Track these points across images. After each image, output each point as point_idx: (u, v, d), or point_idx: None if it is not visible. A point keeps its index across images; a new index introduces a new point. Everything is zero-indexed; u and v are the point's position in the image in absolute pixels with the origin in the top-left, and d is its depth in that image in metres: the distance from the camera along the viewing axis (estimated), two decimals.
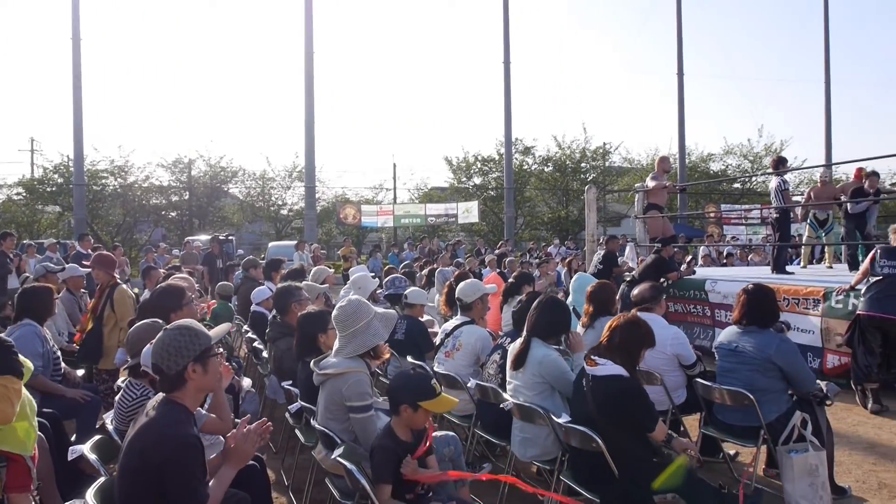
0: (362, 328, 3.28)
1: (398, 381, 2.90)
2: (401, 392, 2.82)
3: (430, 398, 2.77)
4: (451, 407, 2.94)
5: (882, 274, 5.60)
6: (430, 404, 2.77)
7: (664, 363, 4.18)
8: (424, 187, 35.21)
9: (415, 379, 2.88)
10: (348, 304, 3.35)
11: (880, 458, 4.54)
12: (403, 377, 2.93)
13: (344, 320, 3.29)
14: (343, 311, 3.32)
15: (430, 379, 2.86)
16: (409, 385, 2.83)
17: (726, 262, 15.43)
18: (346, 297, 3.61)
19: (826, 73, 29.91)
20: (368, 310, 3.38)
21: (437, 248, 17.58)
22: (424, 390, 2.78)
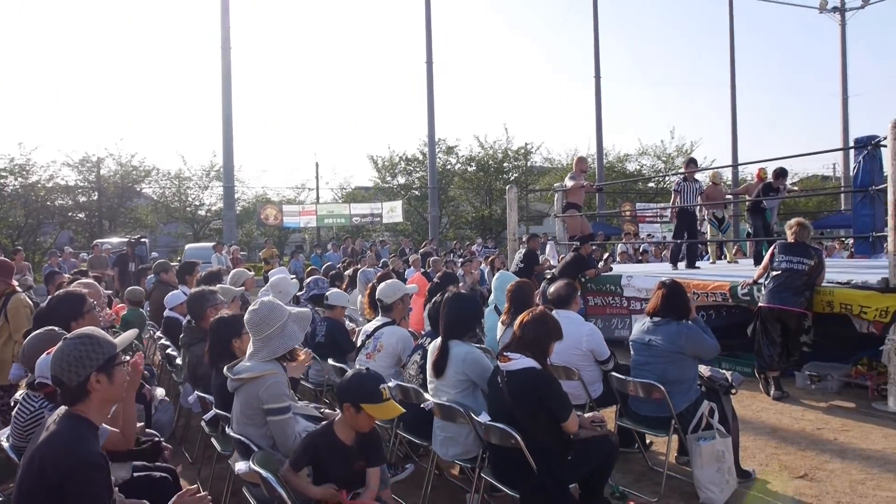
0: (277, 331, 3.19)
1: (347, 380, 2.84)
2: (346, 390, 2.77)
3: (374, 402, 2.71)
4: (393, 415, 2.86)
5: (780, 268, 5.95)
6: (373, 409, 2.72)
7: (580, 359, 4.30)
8: (348, 187, 34.89)
9: (363, 380, 2.80)
10: (261, 306, 3.25)
11: (781, 442, 4.82)
12: (353, 376, 2.85)
13: (258, 324, 3.19)
14: (256, 314, 3.22)
15: (380, 383, 2.78)
16: (356, 385, 2.77)
17: (641, 259, 16.04)
18: (257, 301, 3.50)
19: (732, 78, 31.52)
20: (282, 312, 3.29)
21: (361, 248, 17.41)
22: (370, 393, 2.73)
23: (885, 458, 4.41)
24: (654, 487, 3.98)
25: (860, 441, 4.77)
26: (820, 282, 5.96)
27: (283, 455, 2.98)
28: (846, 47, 33.19)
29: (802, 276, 5.84)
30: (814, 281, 5.90)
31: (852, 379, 6.10)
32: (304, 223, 28.20)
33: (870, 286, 5.61)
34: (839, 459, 4.42)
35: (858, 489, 3.91)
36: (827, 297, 5.87)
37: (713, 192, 10.00)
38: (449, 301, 3.71)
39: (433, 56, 24.15)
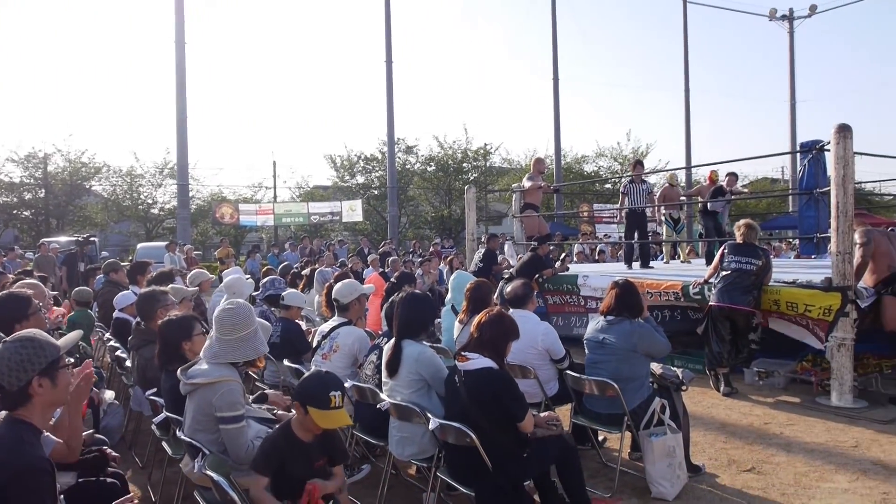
0: (250, 335, 3.13)
1: (303, 379, 2.81)
2: (298, 389, 2.76)
3: (319, 408, 2.67)
4: (338, 425, 2.81)
5: (730, 268, 6.12)
6: (317, 414, 2.68)
7: (536, 357, 4.34)
8: (306, 186, 34.52)
9: (313, 382, 2.76)
10: (239, 307, 3.16)
11: (730, 437, 4.95)
12: (308, 376, 2.81)
13: (234, 324, 3.09)
14: (235, 314, 3.11)
15: (330, 390, 2.70)
16: (307, 386, 2.74)
17: (598, 259, 16.30)
18: (220, 301, 3.43)
19: (686, 82, 32.31)
20: (254, 317, 3.25)
21: (319, 248, 17.24)
22: (317, 398, 2.68)
23: (828, 450, 4.58)
24: (607, 483, 4.05)
25: (804, 435, 4.93)
26: (767, 281, 6.15)
27: (233, 463, 2.93)
28: (794, 54, 34.34)
29: (751, 276, 6.01)
30: (762, 280, 6.08)
31: (798, 375, 6.31)
32: (261, 222, 27.81)
33: (814, 285, 5.80)
34: (785, 453, 4.56)
35: (802, 481, 4.05)
36: (774, 296, 6.05)
37: (669, 194, 10.22)
38: (402, 301, 3.71)
39: (392, 55, 24.09)
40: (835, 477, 4.10)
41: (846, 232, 5.51)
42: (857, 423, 5.17)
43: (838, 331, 5.51)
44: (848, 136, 5.53)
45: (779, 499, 3.82)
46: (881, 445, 4.63)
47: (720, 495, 3.89)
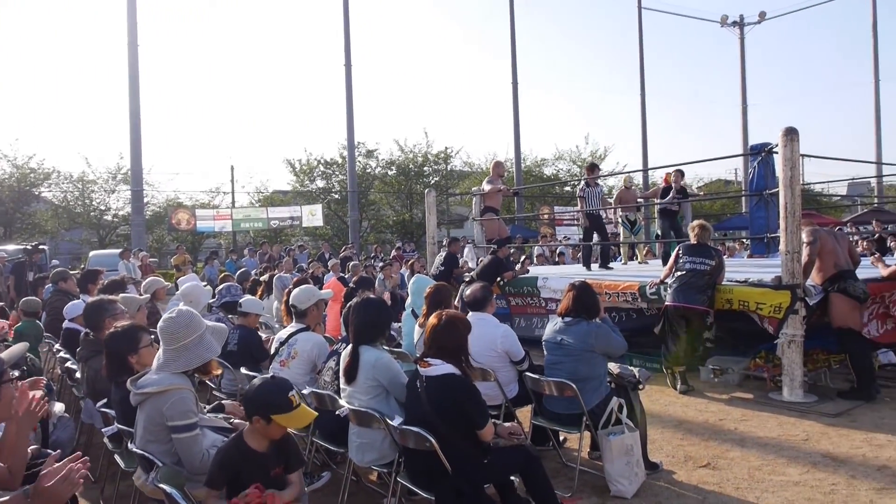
0: (194, 341, 3.07)
1: (252, 392, 2.74)
2: (254, 402, 2.69)
3: (284, 412, 2.65)
4: (307, 422, 2.80)
5: (684, 269, 6.24)
6: (284, 419, 2.65)
7: (496, 360, 4.36)
8: (265, 190, 34.06)
9: (270, 390, 2.71)
10: (179, 315, 3.12)
11: (687, 434, 5.05)
12: (260, 387, 2.75)
13: (174, 332, 3.05)
14: (174, 322, 3.08)
15: (288, 391, 2.71)
16: (264, 396, 2.69)
17: (558, 261, 16.46)
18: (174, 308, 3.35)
19: (641, 86, 32.93)
20: (200, 322, 3.18)
21: (279, 253, 17.02)
22: (279, 403, 2.66)
23: (780, 444, 4.70)
24: (567, 483, 4.08)
25: (758, 430, 5.06)
26: (721, 281, 6.29)
27: (188, 473, 2.87)
28: (745, 60, 35.32)
29: (705, 276, 6.14)
30: (715, 280, 6.22)
31: (751, 371, 6.46)
32: (218, 228, 27.34)
33: (764, 284, 5.96)
34: (739, 448, 4.67)
35: (756, 475, 4.15)
36: (727, 295, 6.20)
37: (625, 196, 10.37)
38: (357, 306, 3.68)
39: (352, 58, 23.98)
40: (786, 470, 4.21)
41: (794, 232, 5.68)
42: (807, 416, 5.32)
43: (788, 328, 5.67)
44: (795, 139, 5.70)
45: (733, 493, 3.90)
46: (830, 438, 4.77)
47: (677, 491, 3.96)
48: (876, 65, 32.13)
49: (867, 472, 4.12)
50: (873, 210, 25.13)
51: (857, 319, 5.79)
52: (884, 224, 18.48)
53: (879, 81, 32.16)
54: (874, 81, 32.20)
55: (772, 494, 3.85)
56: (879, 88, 32.24)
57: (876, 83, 32.20)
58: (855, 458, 4.35)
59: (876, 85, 32.20)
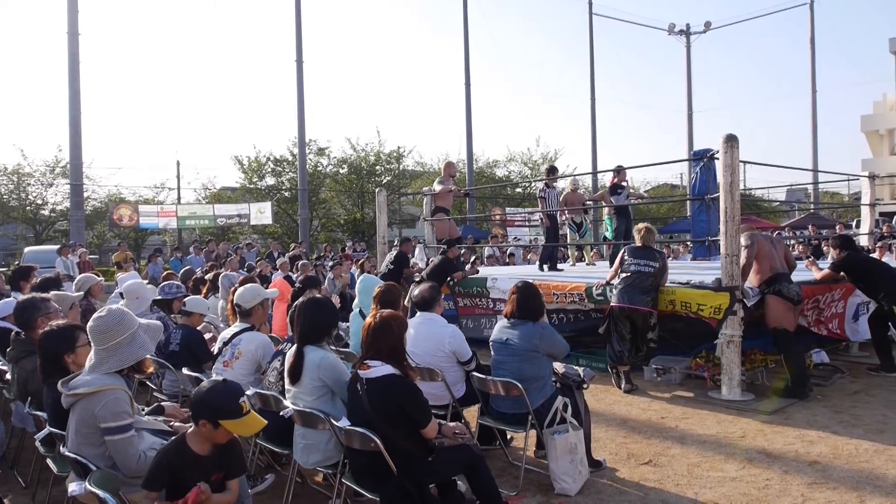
0: (126, 340, 2.98)
1: (202, 394, 2.66)
2: (203, 405, 2.61)
3: (233, 418, 2.58)
4: (256, 429, 2.74)
5: (629, 270, 6.38)
6: (233, 425, 2.58)
7: (443, 360, 4.36)
8: (213, 187, 33.32)
9: (221, 394, 2.64)
10: (109, 314, 3.03)
11: (630, 432, 5.15)
12: (210, 390, 2.67)
13: (104, 332, 2.96)
14: (103, 321, 2.99)
15: (239, 397, 2.64)
16: (214, 400, 2.61)
17: (509, 262, 16.61)
18: (104, 307, 3.24)
19: (591, 90, 33.53)
20: (132, 320, 3.08)
21: (226, 251, 16.66)
22: (229, 409, 2.59)
23: (718, 441, 4.84)
24: (513, 482, 4.12)
25: (697, 427, 5.20)
26: (664, 282, 6.45)
27: (124, 476, 2.77)
28: (691, 67, 36.34)
29: (649, 278, 6.29)
30: (659, 282, 6.37)
31: (692, 371, 6.65)
32: (163, 224, 26.60)
33: (705, 286, 6.13)
34: (679, 445, 4.79)
35: (694, 471, 4.26)
36: (670, 297, 6.36)
37: (572, 198, 10.52)
38: (303, 306, 3.64)
39: (303, 55, 23.66)
40: (724, 466, 4.34)
41: (734, 235, 5.86)
42: (744, 414, 5.50)
43: (727, 328, 5.85)
44: (735, 146, 5.88)
45: (673, 489, 4.00)
46: (765, 435, 4.94)
47: (619, 488, 4.04)
48: (813, 75, 33.55)
49: (799, 467, 4.28)
50: (810, 215, 26.22)
51: (791, 320, 6.02)
52: (819, 229, 19.29)
53: (816, 92, 33.55)
54: (811, 91, 33.59)
55: (709, 490, 3.96)
56: (816, 98, 33.63)
57: (813, 93, 33.61)
58: (788, 454, 4.52)
59: (813, 95, 33.60)
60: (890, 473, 4.12)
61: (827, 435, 4.89)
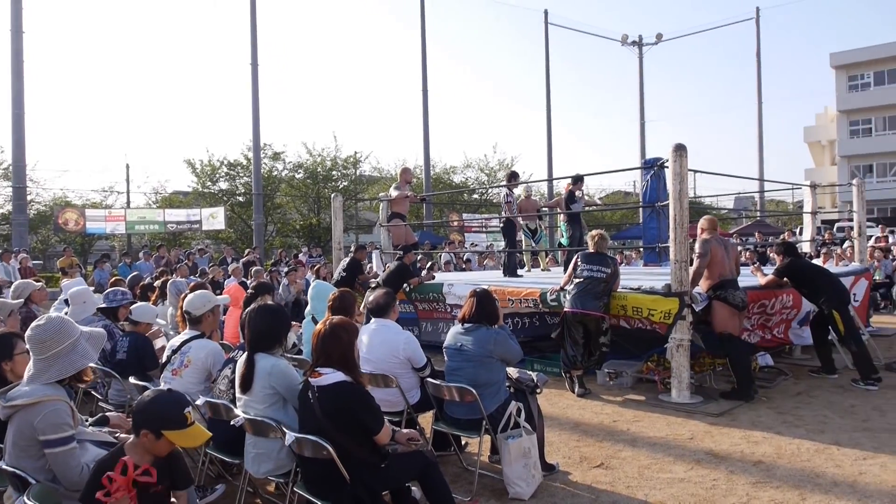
0: (66, 349, 2.88)
1: (144, 403, 2.58)
2: (145, 415, 2.52)
3: (177, 428, 2.50)
4: (200, 442, 2.67)
5: (582, 276, 6.48)
6: (176, 436, 2.50)
7: (398, 366, 4.35)
8: (163, 191, 32.54)
9: (165, 403, 2.56)
10: (48, 322, 2.92)
11: (583, 435, 5.22)
12: (154, 399, 2.59)
13: (43, 341, 2.85)
14: (42, 330, 2.88)
15: (184, 407, 2.56)
16: (157, 409, 2.53)
17: (465, 268, 16.65)
18: (43, 315, 3.13)
19: (547, 98, 33.95)
20: (73, 328, 2.98)
21: (177, 257, 16.28)
22: (172, 418, 2.51)
23: (668, 443, 4.95)
24: (467, 487, 4.12)
25: (648, 430, 5.31)
26: (616, 288, 6.57)
27: (66, 490, 2.68)
28: (643, 77, 37.17)
29: (601, 283, 6.39)
30: (611, 287, 6.49)
31: (643, 375, 6.78)
32: (110, 229, 25.81)
33: (656, 291, 6.27)
34: (630, 448, 4.88)
35: (645, 473, 4.35)
36: (621, 302, 6.48)
37: (526, 205, 10.62)
38: (254, 313, 3.58)
39: (258, 58, 23.34)
40: (673, 467, 4.44)
41: (683, 242, 6.01)
42: (693, 416, 5.63)
43: (676, 332, 5.99)
44: (683, 155, 6.04)
45: (624, 491, 4.07)
46: (713, 437, 5.07)
47: (572, 491, 4.09)
48: (759, 88, 34.66)
49: (745, 467, 4.41)
50: (757, 223, 27.07)
51: (735, 325, 6.20)
52: (765, 236, 19.93)
53: (762, 103, 34.69)
54: (757, 103, 34.72)
55: (659, 491, 4.04)
56: (762, 110, 34.78)
57: (759, 105, 34.73)
58: (734, 455, 4.65)
59: (759, 106, 34.71)
60: (829, 472, 4.28)
61: (771, 435, 5.05)
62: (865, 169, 38.90)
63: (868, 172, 38.56)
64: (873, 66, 38.36)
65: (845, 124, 39.66)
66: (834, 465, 4.40)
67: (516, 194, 10.37)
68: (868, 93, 38.67)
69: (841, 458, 4.52)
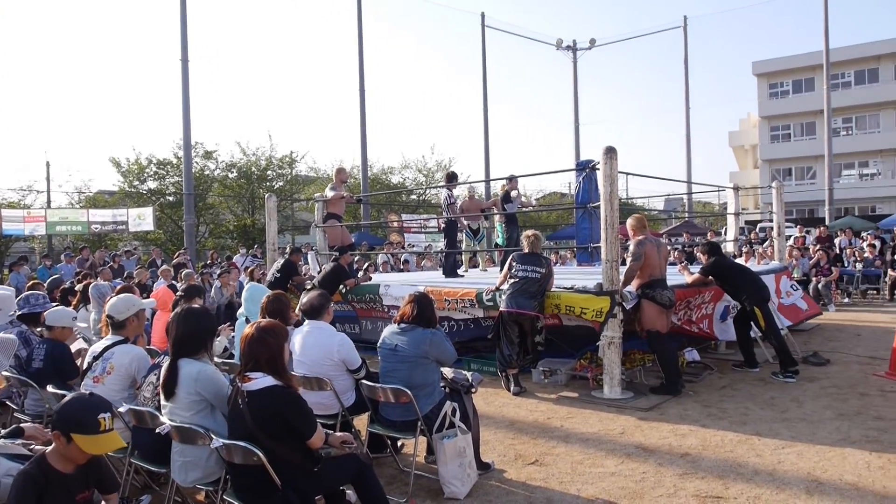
0: None
1: (63, 403, 2.49)
2: (59, 416, 2.43)
3: (86, 433, 2.40)
4: (110, 449, 2.57)
5: (517, 276, 6.56)
6: (84, 441, 2.40)
7: (333, 369, 4.29)
8: (87, 191, 31.12)
9: (78, 406, 2.46)
10: None
11: (518, 433, 5.29)
12: (70, 401, 2.49)
13: None
14: None
15: (99, 412, 2.46)
16: (69, 411, 2.44)
17: (403, 269, 16.63)
18: None
19: (484, 100, 34.21)
20: None
21: (102, 259, 15.61)
22: (83, 422, 2.41)
23: (600, 439, 5.07)
24: (404, 488, 4.11)
25: (581, 426, 5.42)
26: (550, 287, 6.68)
27: None
28: (577, 82, 37.96)
29: (536, 283, 6.49)
30: (545, 287, 6.59)
31: (577, 372, 6.92)
32: (29, 231, 24.49)
33: (588, 290, 6.41)
34: (564, 444, 4.97)
35: (578, 468, 4.43)
36: (555, 301, 6.59)
37: (469, 205, 10.68)
38: (178, 317, 3.47)
39: (189, 53, 22.60)
40: (604, 462, 4.55)
41: (613, 242, 6.17)
42: (624, 412, 5.78)
43: (608, 330, 6.14)
44: (614, 157, 6.20)
45: (557, 487, 4.14)
46: (643, 431, 5.22)
47: (507, 489, 4.13)
48: (687, 93, 35.95)
49: (672, 459, 4.56)
50: (685, 223, 28.08)
51: (663, 323, 6.40)
52: (692, 236, 20.70)
53: (689, 108, 36.01)
54: (685, 108, 36.00)
55: (591, 486, 4.13)
56: (689, 114, 36.10)
57: (686, 109, 36.01)
58: (662, 448, 4.80)
59: (686, 111, 36.00)
60: (751, 461, 4.46)
61: (697, 428, 5.24)
62: (785, 172, 40.93)
63: (787, 176, 40.59)
64: (792, 75, 40.43)
65: (766, 130, 41.63)
66: (755, 454, 4.60)
67: (456, 194, 10.40)
68: (787, 100, 40.73)
69: (762, 448, 4.72)
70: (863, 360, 7.70)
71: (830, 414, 5.52)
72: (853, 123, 39.42)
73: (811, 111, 38.33)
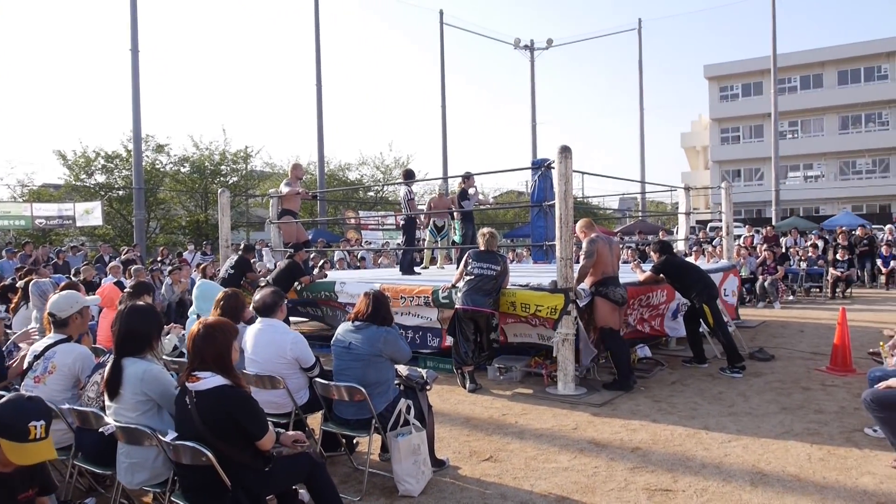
0: None
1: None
2: None
3: (13, 440, 2.31)
4: (37, 460, 2.45)
5: (473, 273, 6.58)
6: (10, 447, 2.31)
7: (285, 367, 4.23)
8: (31, 184, 30.00)
9: (10, 410, 2.37)
10: None
11: (473, 430, 5.31)
12: (4, 403, 2.39)
13: None
14: None
15: (30, 419, 2.36)
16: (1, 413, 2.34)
17: (360, 266, 16.53)
18: None
19: (442, 98, 34.23)
20: None
21: (46, 255, 15.08)
22: (12, 428, 2.31)
23: (553, 434, 5.12)
24: (358, 487, 4.09)
25: (535, 422, 5.47)
26: (505, 285, 6.72)
27: None
28: (535, 81, 38.31)
29: (491, 281, 6.53)
30: (501, 284, 6.63)
31: (532, 369, 6.99)
32: None
33: (543, 288, 6.47)
34: (518, 440, 5.01)
35: (531, 464, 4.47)
36: (511, 298, 6.64)
37: (438, 202, 10.66)
38: (122, 314, 3.37)
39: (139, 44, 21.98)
40: (558, 457, 4.60)
41: (568, 240, 6.24)
42: (577, 408, 5.86)
43: (562, 327, 6.21)
44: (568, 157, 6.27)
45: (511, 483, 4.17)
46: (595, 426, 5.30)
47: (461, 486, 4.14)
48: (641, 94, 36.68)
49: (623, 454, 4.64)
50: (639, 222, 28.63)
51: (616, 320, 6.51)
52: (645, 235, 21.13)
53: (644, 109, 36.75)
54: (639, 109, 36.72)
55: (544, 481, 4.18)
56: (644, 115, 36.84)
57: (641, 110, 36.74)
58: (614, 443, 4.88)
59: (641, 112, 36.73)
60: (699, 455, 4.58)
61: (647, 423, 5.35)
62: (734, 173, 42.13)
63: (737, 177, 41.78)
64: (741, 79, 41.67)
65: (717, 131, 42.80)
66: (703, 448, 4.72)
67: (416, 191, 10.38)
68: (737, 103, 41.96)
69: (709, 442, 4.85)
70: (806, 356, 7.98)
71: (775, 408, 5.70)
72: (798, 127, 40.86)
73: (759, 114, 39.60)
